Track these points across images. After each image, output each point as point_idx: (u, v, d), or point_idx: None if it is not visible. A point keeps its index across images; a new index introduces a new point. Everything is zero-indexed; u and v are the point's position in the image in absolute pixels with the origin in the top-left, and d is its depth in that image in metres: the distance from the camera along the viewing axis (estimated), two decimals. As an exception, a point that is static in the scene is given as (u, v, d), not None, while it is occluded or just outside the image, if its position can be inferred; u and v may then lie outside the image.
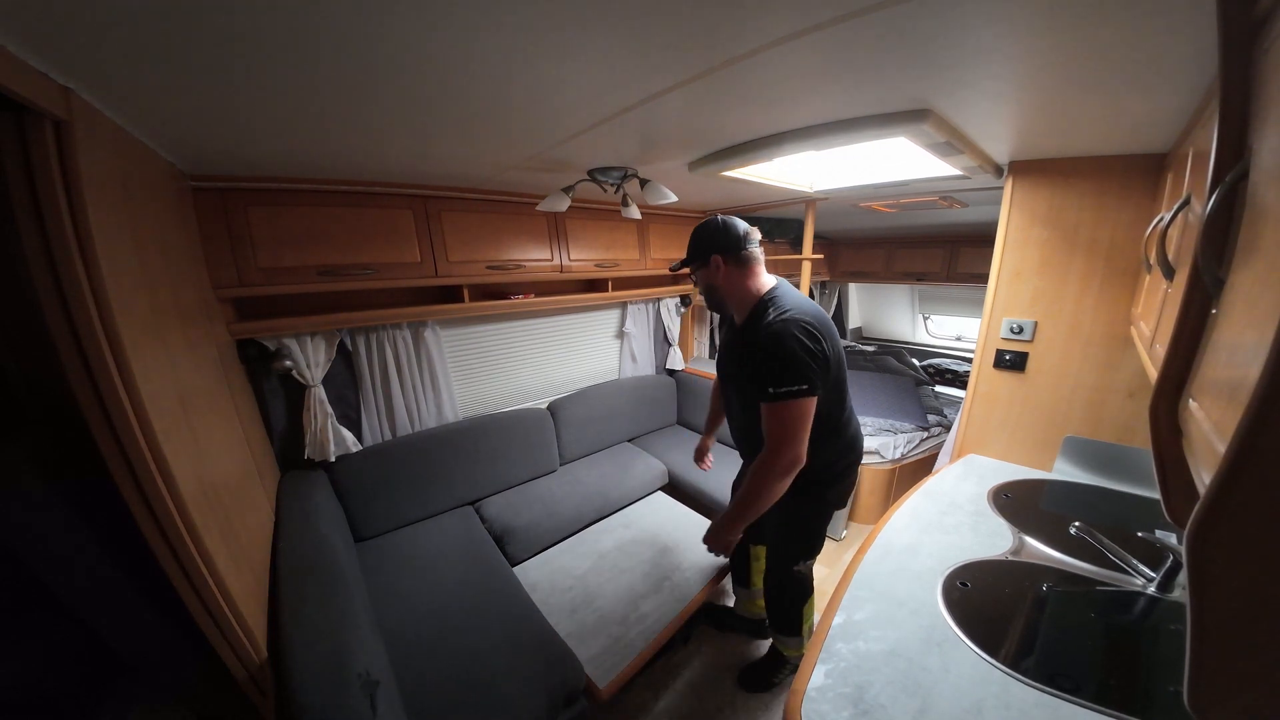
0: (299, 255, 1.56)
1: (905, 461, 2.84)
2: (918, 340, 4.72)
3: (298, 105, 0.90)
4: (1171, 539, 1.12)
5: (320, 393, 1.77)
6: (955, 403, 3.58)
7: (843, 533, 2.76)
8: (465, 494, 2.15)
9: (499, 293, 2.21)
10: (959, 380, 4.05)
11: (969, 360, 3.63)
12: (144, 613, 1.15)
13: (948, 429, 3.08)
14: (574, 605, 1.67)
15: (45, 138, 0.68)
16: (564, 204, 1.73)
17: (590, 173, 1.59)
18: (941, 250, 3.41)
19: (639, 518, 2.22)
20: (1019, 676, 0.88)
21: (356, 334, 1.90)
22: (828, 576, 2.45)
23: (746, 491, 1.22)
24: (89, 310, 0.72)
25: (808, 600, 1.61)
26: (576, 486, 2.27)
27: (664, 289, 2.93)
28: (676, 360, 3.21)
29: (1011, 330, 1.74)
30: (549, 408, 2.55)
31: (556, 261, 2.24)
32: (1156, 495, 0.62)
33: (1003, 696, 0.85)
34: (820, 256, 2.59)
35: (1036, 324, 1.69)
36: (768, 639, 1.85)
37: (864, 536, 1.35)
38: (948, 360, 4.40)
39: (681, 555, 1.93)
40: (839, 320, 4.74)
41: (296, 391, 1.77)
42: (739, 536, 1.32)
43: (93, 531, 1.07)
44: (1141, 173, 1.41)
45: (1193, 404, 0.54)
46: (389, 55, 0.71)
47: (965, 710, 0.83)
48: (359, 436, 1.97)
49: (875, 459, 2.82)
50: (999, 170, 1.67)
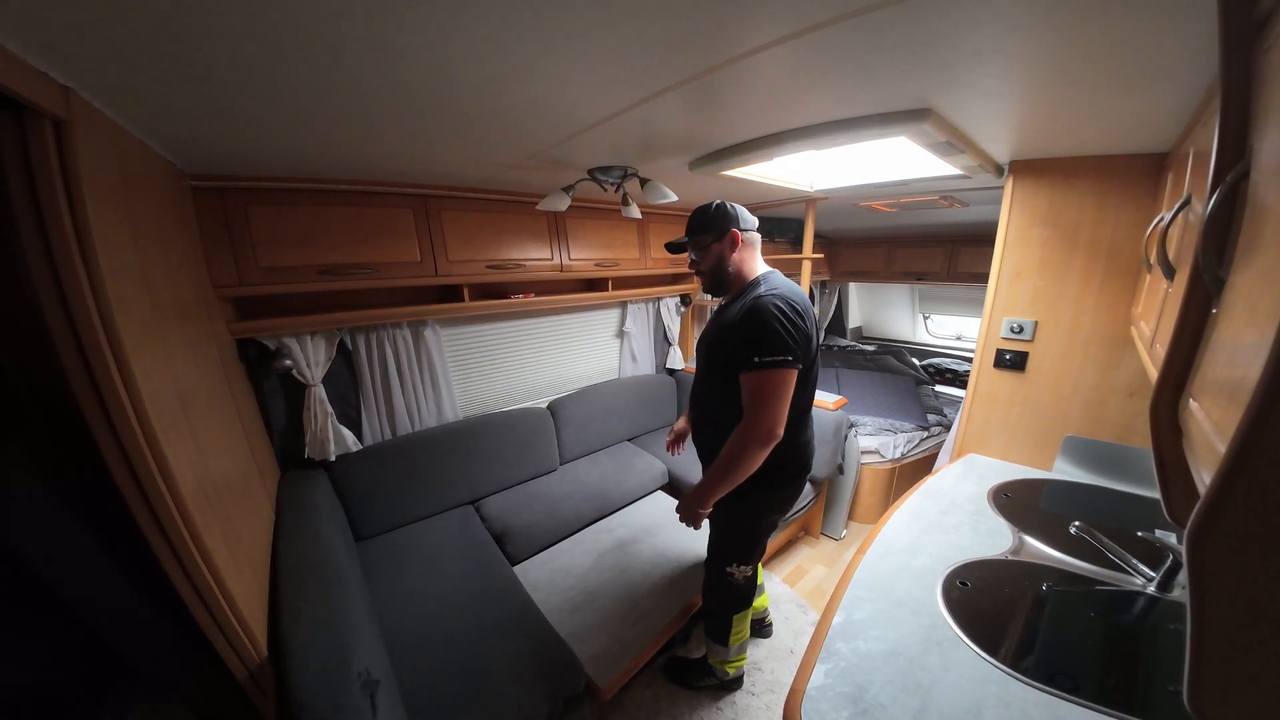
0: (299, 254, 1.56)
1: (905, 461, 2.84)
2: (918, 340, 4.72)
3: (297, 105, 0.90)
4: (1171, 539, 1.12)
5: (320, 392, 1.77)
6: (955, 402, 3.58)
7: (843, 532, 2.76)
8: (465, 493, 2.15)
9: (499, 292, 2.21)
10: (959, 380, 4.05)
11: (969, 360, 3.63)
12: (144, 612, 1.14)
13: (948, 428, 3.08)
14: (574, 604, 1.67)
15: (45, 137, 0.68)
16: (564, 203, 1.73)
17: (590, 172, 1.59)
18: (942, 250, 3.41)
19: (639, 517, 2.22)
20: (1019, 676, 0.89)
21: (356, 333, 1.90)
22: (827, 576, 2.45)
23: (721, 461, 1.20)
24: (89, 310, 0.72)
25: (741, 611, 1.56)
26: (576, 486, 2.27)
27: (664, 288, 2.92)
28: (676, 360, 3.21)
29: (1012, 330, 1.74)
30: (549, 407, 2.55)
31: (556, 261, 2.24)
32: (1156, 495, 0.62)
33: (1002, 696, 0.85)
34: (820, 256, 2.59)
35: (1037, 324, 1.69)
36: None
37: (864, 536, 1.35)
38: (948, 360, 4.40)
39: (681, 554, 1.93)
40: (839, 320, 4.74)
41: (296, 391, 1.77)
42: (709, 509, 1.30)
43: (93, 531, 1.07)
44: (1142, 172, 1.41)
45: (1193, 404, 0.54)
46: (387, 54, 0.71)
47: (965, 710, 0.83)
48: (359, 436, 1.97)
49: (875, 458, 2.82)
50: (999, 170, 1.66)
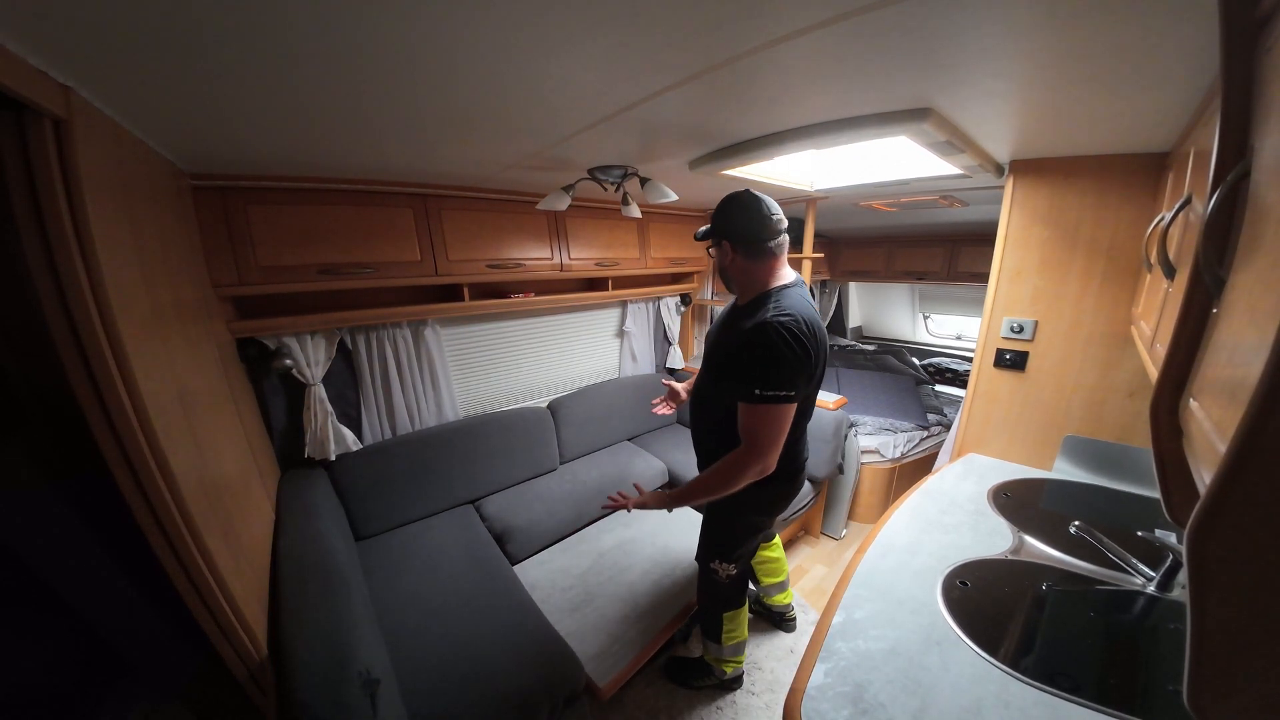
0: (299, 254, 1.56)
1: (905, 461, 2.84)
2: (918, 339, 4.72)
3: (296, 104, 0.90)
4: (1171, 538, 1.12)
5: (320, 391, 1.77)
6: (955, 402, 3.58)
7: (843, 531, 2.76)
8: (465, 493, 2.15)
9: (499, 291, 2.21)
10: (959, 379, 4.05)
11: (969, 359, 3.63)
12: (144, 611, 1.15)
13: (948, 428, 3.08)
14: (574, 604, 1.67)
15: (45, 136, 0.68)
16: (564, 203, 1.73)
17: (590, 171, 1.58)
18: (942, 249, 3.41)
19: (639, 517, 2.21)
20: (1018, 675, 0.89)
21: (356, 333, 1.90)
22: (828, 576, 2.46)
23: (709, 479, 1.22)
24: (89, 309, 0.72)
25: (731, 611, 1.55)
26: (576, 485, 2.27)
27: (664, 288, 2.92)
28: (676, 359, 3.21)
29: (1012, 329, 1.74)
30: (549, 406, 2.55)
31: (556, 260, 2.24)
32: (1157, 495, 0.62)
33: (1002, 695, 0.85)
34: (820, 255, 2.59)
35: (1037, 323, 1.69)
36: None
37: (864, 536, 1.35)
38: (948, 359, 4.40)
39: (681, 554, 1.93)
40: (839, 319, 4.74)
41: (296, 390, 1.77)
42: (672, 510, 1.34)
43: (93, 530, 1.07)
44: (1142, 172, 1.40)
45: (1193, 403, 0.54)
46: (386, 53, 0.71)
47: (965, 709, 0.83)
48: (359, 435, 1.97)
49: (875, 458, 2.82)
50: (1000, 169, 1.66)
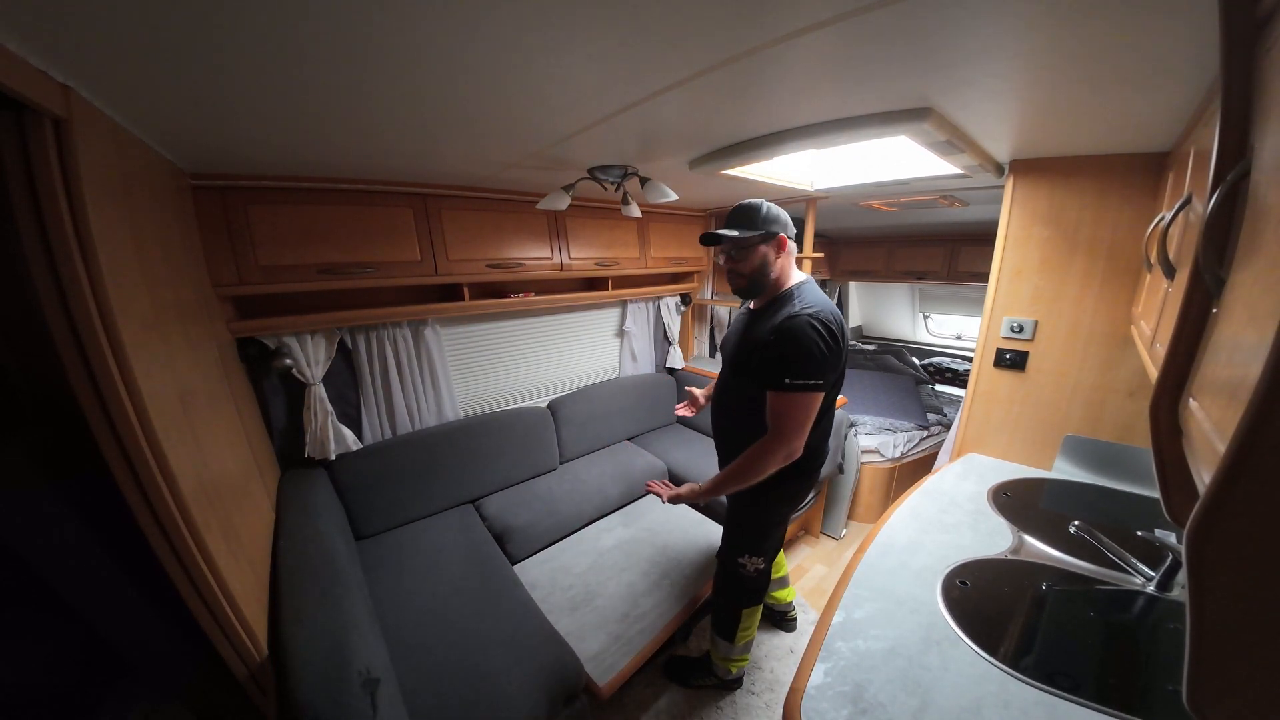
0: (299, 253, 1.56)
1: (905, 460, 2.84)
2: (918, 339, 4.72)
3: (296, 104, 0.90)
4: (1171, 538, 1.12)
5: (320, 391, 1.77)
6: (955, 401, 3.58)
7: (843, 531, 2.76)
8: (465, 492, 2.15)
9: (499, 291, 2.21)
10: (959, 379, 4.05)
11: (969, 359, 3.63)
12: (144, 611, 1.15)
13: (947, 428, 3.08)
14: (574, 603, 1.67)
15: (45, 136, 0.68)
16: (564, 202, 1.73)
17: (590, 171, 1.58)
18: (942, 249, 3.41)
19: (639, 516, 2.22)
20: (1018, 675, 0.89)
21: (357, 332, 1.90)
22: (827, 575, 2.46)
23: (738, 467, 1.25)
24: (89, 309, 0.72)
25: (751, 607, 1.56)
26: (576, 485, 2.27)
27: (664, 288, 2.92)
28: (676, 359, 3.21)
29: (1012, 329, 1.74)
30: (549, 406, 2.55)
31: (556, 260, 2.24)
32: (1156, 494, 0.62)
33: (1002, 695, 0.85)
34: (821, 255, 2.58)
35: (1037, 323, 1.69)
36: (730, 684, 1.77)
37: (864, 535, 1.35)
38: (948, 359, 4.40)
39: (681, 553, 1.93)
40: (839, 319, 4.73)
41: (297, 390, 1.77)
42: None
43: (93, 530, 1.07)
44: (1143, 172, 1.40)
45: (1193, 403, 0.54)
46: (388, 53, 0.71)
47: (964, 709, 0.83)
48: (359, 435, 1.97)
49: (875, 458, 2.82)
50: (1000, 169, 1.66)
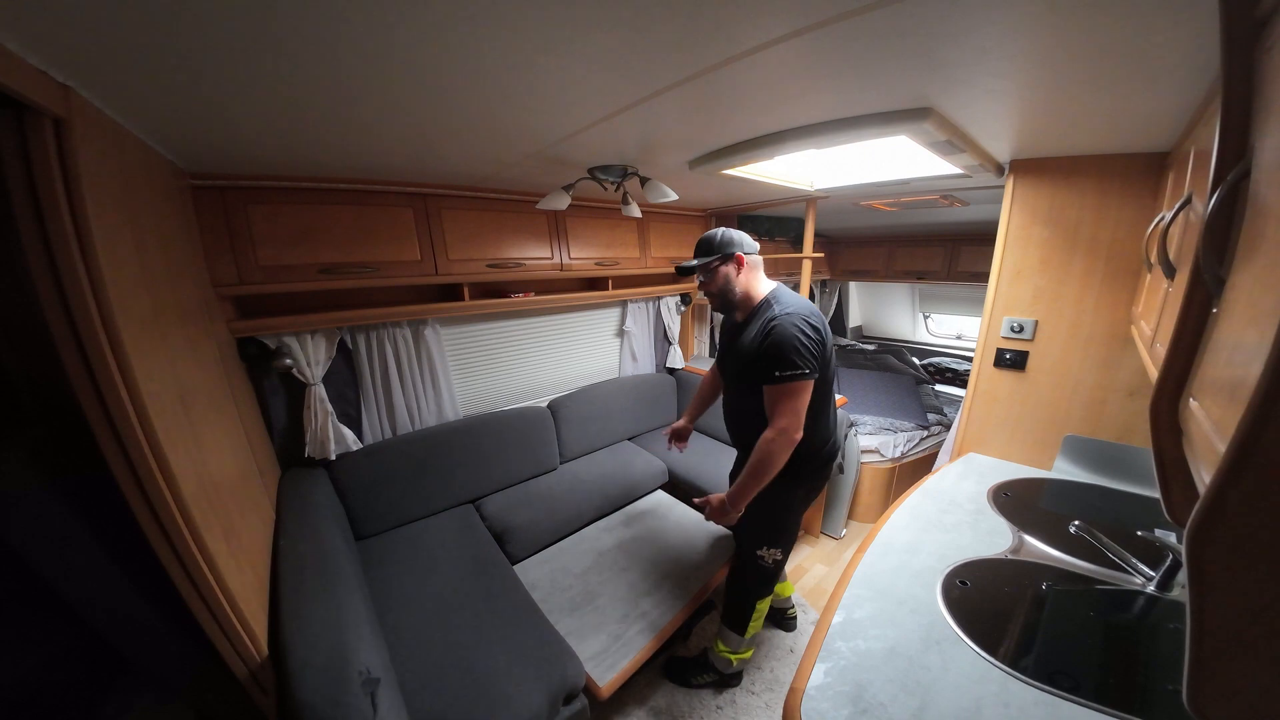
0: (299, 253, 1.56)
1: (905, 460, 2.84)
2: (918, 339, 4.72)
3: (297, 104, 0.90)
4: (1171, 538, 1.12)
5: (321, 391, 1.77)
6: (955, 401, 3.58)
7: (843, 531, 2.76)
8: (465, 492, 2.15)
9: (499, 291, 2.21)
10: (959, 379, 4.05)
11: (969, 359, 3.63)
12: (145, 611, 1.14)
13: (948, 428, 3.08)
14: (574, 603, 1.67)
15: (45, 136, 0.68)
16: (564, 202, 1.73)
17: (590, 171, 1.58)
18: (942, 249, 3.41)
19: (639, 516, 2.22)
20: (1018, 675, 0.89)
21: (357, 332, 1.90)
22: (827, 575, 2.46)
23: (751, 466, 1.32)
24: (89, 309, 0.72)
25: (765, 598, 1.63)
26: (577, 485, 2.27)
27: (664, 287, 2.92)
28: (676, 359, 3.21)
29: (1012, 329, 1.74)
30: (549, 406, 2.55)
31: (556, 260, 2.24)
32: (1156, 494, 0.62)
33: (1002, 695, 0.85)
34: (821, 255, 2.59)
35: (1037, 323, 1.69)
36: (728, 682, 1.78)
37: (864, 535, 1.35)
38: (948, 359, 4.40)
39: (682, 553, 1.93)
40: (839, 319, 4.73)
41: (297, 390, 1.77)
42: (742, 510, 1.40)
43: (93, 530, 1.07)
44: (1143, 171, 1.40)
45: (1193, 403, 0.54)
46: (388, 53, 0.71)
47: (964, 709, 0.83)
48: (359, 435, 1.97)
49: (875, 458, 2.82)
50: (1000, 169, 1.66)
